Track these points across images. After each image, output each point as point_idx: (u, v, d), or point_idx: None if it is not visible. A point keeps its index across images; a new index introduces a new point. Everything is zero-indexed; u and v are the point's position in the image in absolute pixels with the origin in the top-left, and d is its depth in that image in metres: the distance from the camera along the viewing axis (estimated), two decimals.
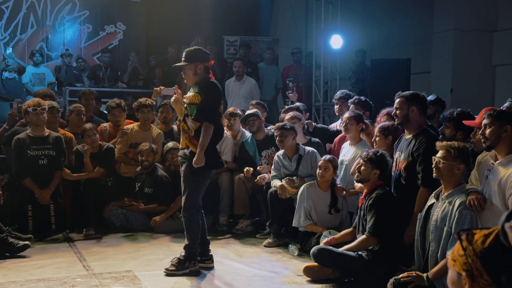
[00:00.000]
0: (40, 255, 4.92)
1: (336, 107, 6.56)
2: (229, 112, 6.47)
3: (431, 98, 5.79)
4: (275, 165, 5.57)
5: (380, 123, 5.07)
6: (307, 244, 4.99)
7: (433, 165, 3.64)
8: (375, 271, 4.09)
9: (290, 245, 5.13)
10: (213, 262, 4.62)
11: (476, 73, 9.39)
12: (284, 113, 6.31)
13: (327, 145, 6.10)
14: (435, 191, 3.76)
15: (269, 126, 6.46)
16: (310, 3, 9.97)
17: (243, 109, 7.14)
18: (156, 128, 6.49)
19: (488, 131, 3.49)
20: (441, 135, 4.80)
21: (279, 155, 5.58)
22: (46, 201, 5.72)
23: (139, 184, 6.07)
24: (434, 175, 3.67)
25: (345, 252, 4.19)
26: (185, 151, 4.42)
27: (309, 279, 4.28)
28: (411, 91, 4.43)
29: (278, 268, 4.66)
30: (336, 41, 9.27)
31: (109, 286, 4.07)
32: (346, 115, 5.37)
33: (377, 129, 4.84)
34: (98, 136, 6.13)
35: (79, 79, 9.35)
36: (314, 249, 4.28)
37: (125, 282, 4.17)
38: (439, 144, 3.70)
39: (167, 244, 5.42)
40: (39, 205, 5.71)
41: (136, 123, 6.47)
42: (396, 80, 8.18)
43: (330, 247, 4.28)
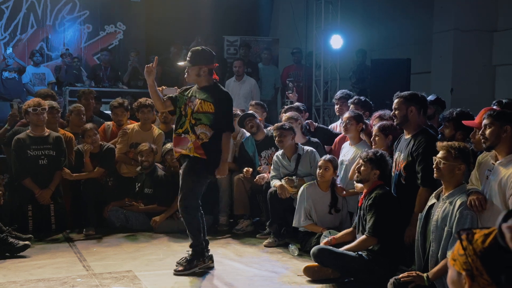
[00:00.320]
0: (40, 255, 4.92)
1: (336, 107, 6.56)
2: None
3: (431, 98, 5.78)
4: (274, 165, 5.57)
5: (373, 126, 5.06)
6: (307, 244, 4.99)
7: (433, 166, 3.64)
8: (375, 271, 4.09)
9: (290, 245, 5.13)
10: (213, 262, 4.61)
11: (476, 73, 9.38)
12: (284, 113, 6.31)
13: (327, 147, 6.09)
14: (436, 191, 3.76)
15: (269, 126, 6.45)
16: (310, 3, 9.96)
17: (243, 109, 7.14)
18: (156, 128, 6.49)
19: (488, 131, 3.49)
20: (440, 135, 4.80)
21: (278, 155, 5.58)
22: (46, 201, 5.72)
23: (139, 184, 6.07)
24: (434, 175, 3.66)
25: (345, 252, 4.19)
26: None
27: (309, 279, 4.28)
28: (409, 91, 4.44)
29: (278, 268, 4.66)
30: (336, 41, 9.28)
31: (109, 286, 4.07)
32: (346, 115, 5.37)
33: (376, 128, 4.83)
34: (98, 136, 6.14)
35: (79, 79, 9.34)
36: (314, 249, 4.28)
37: (125, 282, 4.16)
38: (440, 144, 3.69)
39: (167, 244, 5.42)
40: (39, 205, 5.71)
41: (137, 123, 6.47)
42: (396, 80, 8.18)
43: (330, 247, 4.28)
